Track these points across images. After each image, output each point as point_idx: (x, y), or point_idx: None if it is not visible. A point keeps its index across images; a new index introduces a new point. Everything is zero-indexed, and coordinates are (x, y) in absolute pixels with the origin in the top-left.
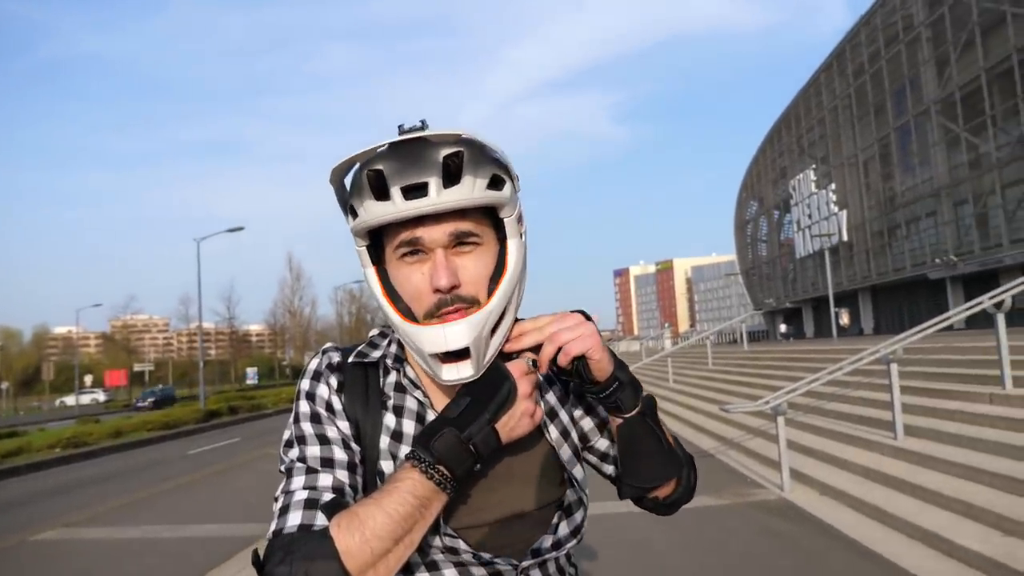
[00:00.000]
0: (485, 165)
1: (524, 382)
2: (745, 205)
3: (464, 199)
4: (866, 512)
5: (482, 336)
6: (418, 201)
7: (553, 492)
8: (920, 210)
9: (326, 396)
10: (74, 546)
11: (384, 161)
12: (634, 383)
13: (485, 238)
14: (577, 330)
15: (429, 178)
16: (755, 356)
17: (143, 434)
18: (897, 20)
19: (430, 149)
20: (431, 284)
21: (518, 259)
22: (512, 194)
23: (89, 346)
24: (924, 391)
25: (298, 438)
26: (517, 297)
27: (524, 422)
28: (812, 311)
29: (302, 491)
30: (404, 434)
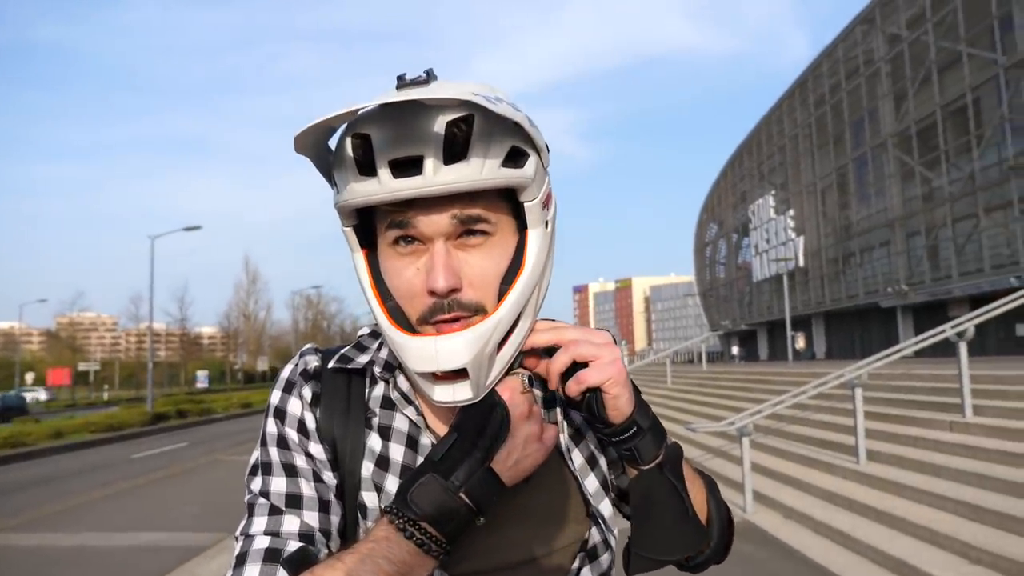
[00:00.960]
0: (502, 135)
1: (519, 401)
2: (705, 227)
3: (470, 180)
4: (831, 537)
5: (484, 353)
6: (409, 180)
7: (575, 531)
8: (874, 239)
9: (298, 412)
10: (6, 552)
11: (373, 126)
12: (656, 429)
13: (499, 227)
14: (601, 350)
15: (425, 151)
16: (714, 376)
17: (85, 436)
18: (858, 54)
19: (430, 113)
20: (426, 283)
21: (540, 254)
22: (537, 171)
23: (32, 343)
24: (885, 417)
25: (263, 465)
26: (536, 301)
27: (532, 451)
28: (767, 334)
29: (263, 537)
30: (391, 461)
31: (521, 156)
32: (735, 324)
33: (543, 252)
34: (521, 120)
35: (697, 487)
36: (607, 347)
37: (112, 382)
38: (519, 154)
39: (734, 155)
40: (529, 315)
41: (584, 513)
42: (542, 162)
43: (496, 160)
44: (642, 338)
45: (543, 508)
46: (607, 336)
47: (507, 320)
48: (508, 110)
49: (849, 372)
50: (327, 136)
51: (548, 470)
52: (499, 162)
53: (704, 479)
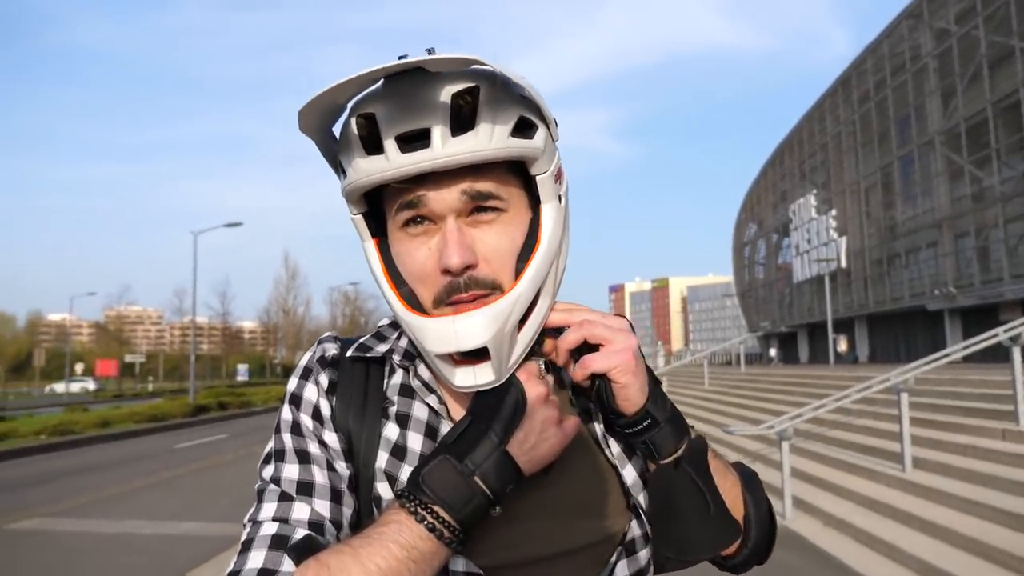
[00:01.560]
0: (508, 105)
1: (536, 385)
2: (744, 227)
3: (479, 150)
4: (872, 546)
5: (505, 331)
6: (418, 154)
7: (613, 524)
8: (920, 240)
9: (314, 399)
10: (50, 537)
11: (377, 103)
12: (675, 421)
13: (512, 202)
14: (614, 334)
15: (432, 123)
16: (753, 379)
17: (130, 425)
18: (904, 50)
19: (434, 85)
20: (439, 263)
21: (555, 228)
22: (547, 143)
23: (82, 334)
24: (932, 423)
25: (276, 452)
26: (554, 278)
27: (550, 436)
28: (808, 336)
29: (271, 523)
30: (408, 450)
31: (530, 127)
32: (775, 326)
33: (558, 227)
34: (526, 86)
35: (730, 482)
36: (621, 333)
37: (157, 374)
38: (527, 125)
39: (774, 154)
40: (548, 294)
41: (624, 505)
42: (551, 135)
43: (505, 129)
44: (679, 339)
45: (580, 499)
46: (623, 322)
47: (526, 297)
48: (512, 75)
49: (895, 376)
50: (333, 118)
51: (585, 460)
52: (508, 132)
53: (741, 473)
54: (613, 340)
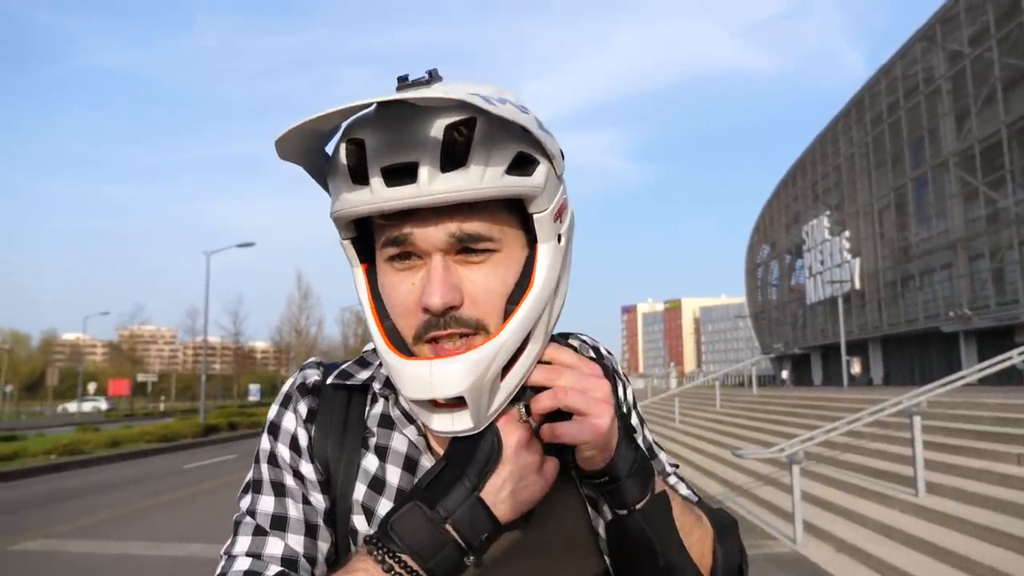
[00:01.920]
0: (507, 139)
1: (514, 430)
2: (757, 248)
3: (467, 189)
4: (885, 572)
5: (485, 380)
6: (402, 189)
7: (593, 564)
8: (935, 262)
9: (292, 428)
10: (53, 558)
11: (367, 130)
12: (639, 475)
13: (506, 241)
14: (589, 405)
15: (420, 158)
16: (765, 401)
17: (140, 445)
18: (918, 71)
19: (428, 115)
20: (420, 300)
21: (551, 271)
22: (548, 180)
23: (96, 354)
24: (946, 447)
25: (254, 483)
26: (547, 322)
27: (530, 483)
28: (821, 358)
29: (244, 558)
30: (387, 484)
31: (529, 163)
32: (788, 347)
33: (555, 268)
34: (528, 123)
35: (696, 537)
36: (597, 404)
37: (169, 393)
38: (527, 161)
39: (787, 175)
40: (539, 339)
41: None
42: (555, 170)
43: (499, 167)
44: (692, 360)
45: (557, 539)
46: (605, 388)
47: (511, 343)
48: (512, 112)
49: (907, 399)
50: (322, 142)
51: (566, 496)
52: (502, 169)
53: (717, 523)
54: (588, 412)
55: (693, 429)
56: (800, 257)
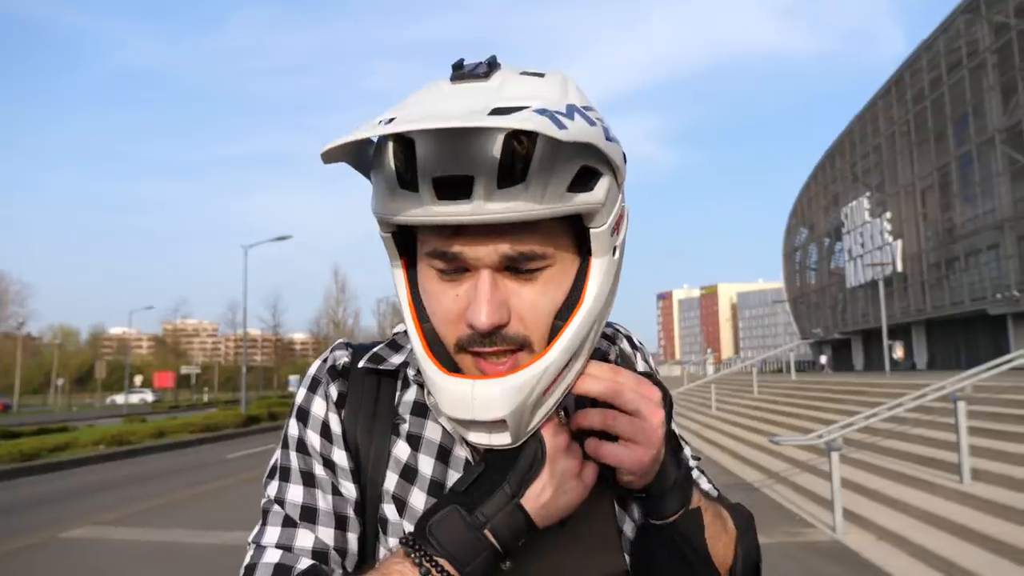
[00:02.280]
0: (570, 153)
1: (556, 434)
2: (794, 232)
3: (526, 210)
4: (929, 561)
5: (527, 403)
6: (455, 206)
7: (619, 561)
8: (981, 242)
9: (321, 414)
10: (100, 546)
11: (419, 131)
12: (678, 491)
13: (560, 255)
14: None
15: (476, 172)
16: (803, 387)
17: (185, 436)
18: (961, 46)
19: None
20: (466, 313)
21: (603, 287)
22: (610, 193)
23: (141, 347)
24: (993, 433)
25: (282, 470)
26: (594, 338)
27: (569, 489)
28: (862, 343)
29: (274, 550)
30: (419, 473)
31: (592, 177)
32: (827, 332)
33: (607, 284)
34: (595, 138)
35: (724, 542)
36: (646, 434)
37: (212, 385)
38: (590, 175)
39: (825, 156)
40: (583, 355)
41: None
42: (616, 180)
43: (561, 184)
44: (729, 346)
45: (586, 536)
46: (659, 417)
47: (557, 365)
48: (580, 130)
49: (951, 384)
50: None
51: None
52: (565, 186)
53: (739, 521)
54: (636, 441)
55: (730, 416)
56: (839, 240)
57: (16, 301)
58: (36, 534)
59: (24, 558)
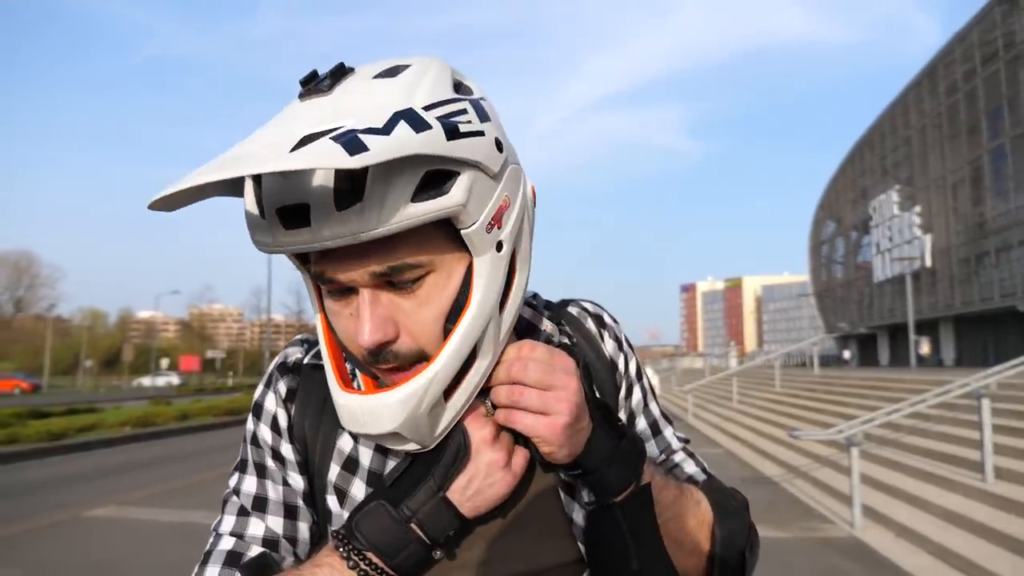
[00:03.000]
0: (406, 164)
1: (480, 427)
2: (822, 225)
3: (364, 231)
4: (949, 560)
5: (419, 413)
6: (298, 234)
7: (566, 548)
8: (1013, 238)
9: (272, 409)
10: (123, 524)
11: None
12: (618, 465)
13: (440, 259)
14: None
15: (309, 198)
16: (827, 381)
17: (208, 419)
18: (997, 37)
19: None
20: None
21: (490, 285)
22: (472, 191)
23: (168, 331)
24: (1018, 431)
25: (240, 462)
26: (497, 333)
27: (496, 480)
28: (888, 338)
29: (228, 538)
30: (360, 465)
31: (445, 179)
32: (853, 327)
33: (495, 281)
34: (418, 147)
35: (693, 524)
36: (557, 402)
37: (236, 369)
38: (441, 178)
39: (854, 149)
40: (488, 352)
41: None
42: (484, 172)
43: (402, 197)
44: (752, 339)
45: (539, 521)
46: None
47: (447, 371)
48: (389, 147)
49: (975, 380)
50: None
51: (544, 478)
52: (407, 197)
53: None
54: (545, 411)
55: (751, 409)
56: (867, 233)
57: (47, 283)
58: (61, 512)
59: (49, 535)
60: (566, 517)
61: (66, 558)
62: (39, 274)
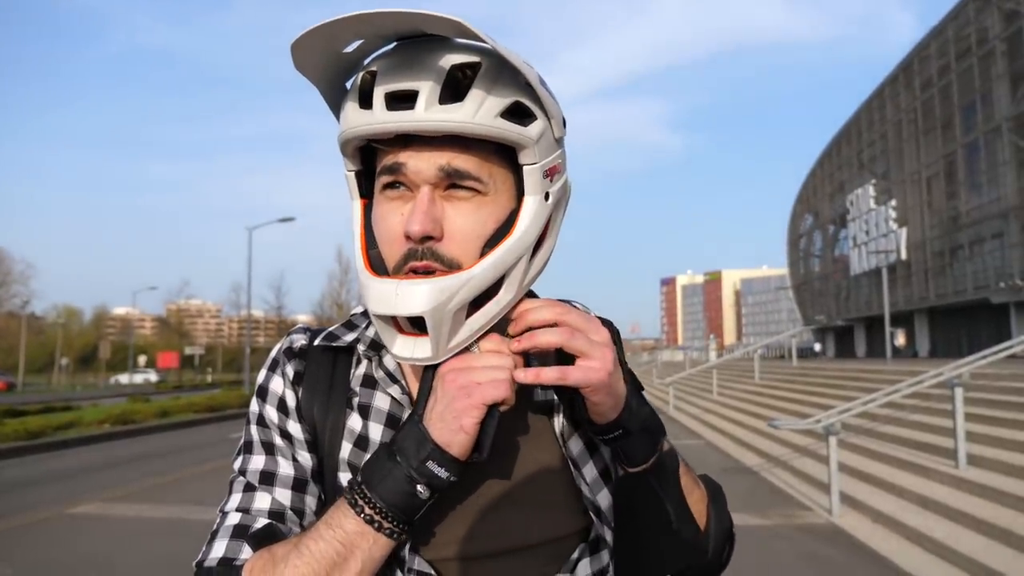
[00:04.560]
0: (507, 86)
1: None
2: (799, 219)
3: (459, 122)
4: (923, 544)
5: (448, 308)
6: (400, 113)
7: (575, 520)
8: (986, 231)
9: (279, 391)
10: (108, 522)
11: (381, 61)
12: (649, 432)
13: (493, 187)
14: (592, 348)
15: (421, 86)
16: (804, 372)
17: (188, 415)
18: (971, 33)
19: (437, 52)
20: (404, 228)
21: (533, 222)
22: (543, 137)
23: (145, 328)
24: (990, 419)
25: (245, 444)
26: (523, 274)
27: (459, 404)
28: (865, 330)
29: (235, 514)
30: (371, 440)
31: (526, 115)
32: (830, 319)
33: (537, 223)
34: (529, 75)
35: (696, 497)
36: (600, 348)
37: (215, 365)
38: (524, 112)
39: (831, 143)
40: (512, 288)
41: (583, 503)
42: (552, 130)
43: (494, 108)
44: (732, 332)
45: (540, 494)
46: (605, 335)
47: (480, 280)
48: (516, 58)
49: (948, 370)
50: (343, 73)
51: (544, 454)
52: (497, 111)
53: (708, 487)
54: (591, 355)
55: (731, 401)
56: (844, 227)
57: (20, 280)
58: (44, 510)
59: (33, 532)
60: (573, 490)
61: (54, 555)
62: (11, 271)
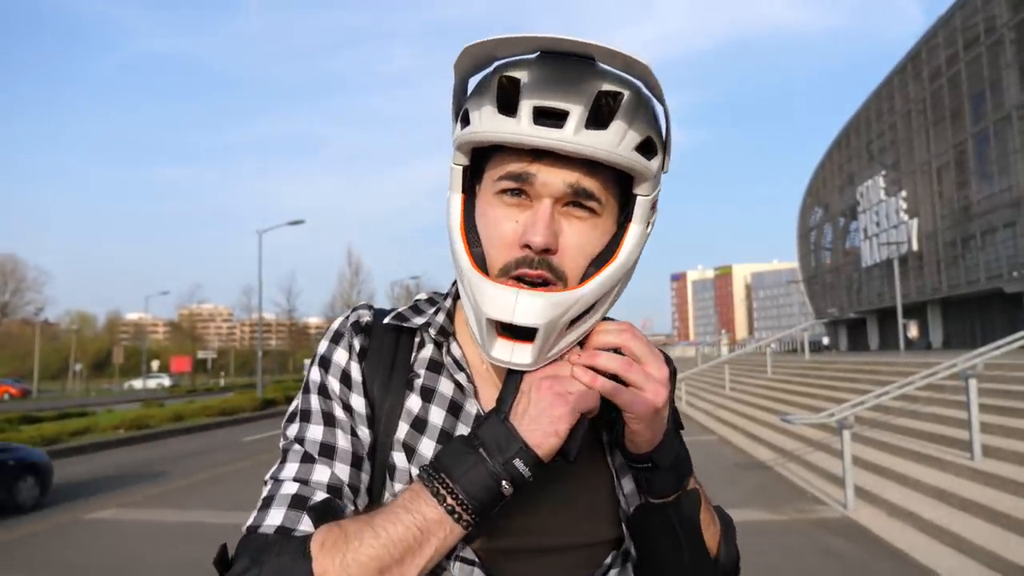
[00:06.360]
0: (643, 120)
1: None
2: (809, 211)
3: (606, 150)
4: (940, 537)
5: (559, 323)
6: (549, 131)
7: (611, 529)
8: (997, 220)
9: (343, 363)
10: (125, 527)
11: (524, 70)
12: (677, 470)
13: (606, 210)
14: (647, 382)
15: (572, 108)
16: (817, 366)
17: (202, 419)
18: (979, 21)
19: (586, 76)
20: (522, 236)
21: (634, 251)
22: (658, 172)
23: (158, 332)
24: (1005, 410)
25: (302, 412)
26: (613, 296)
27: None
28: (877, 322)
29: (292, 483)
30: (429, 424)
31: (652, 150)
32: (842, 312)
33: (636, 251)
34: (664, 117)
35: (711, 532)
36: (655, 383)
37: (228, 369)
38: (651, 147)
39: (840, 135)
40: (602, 308)
41: (619, 513)
42: (664, 166)
43: (632, 141)
44: (743, 327)
45: (583, 500)
46: (664, 373)
47: (588, 299)
48: (657, 103)
49: (962, 362)
50: (478, 70)
51: (591, 462)
52: (635, 145)
53: (721, 521)
54: (644, 388)
55: (743, 396)
56: (854, 219)
57: (33, 287)
58: (62, 515)
59: (51, 538)
60: (613, 499)
61: (73, 560)
62: (25, 278)
